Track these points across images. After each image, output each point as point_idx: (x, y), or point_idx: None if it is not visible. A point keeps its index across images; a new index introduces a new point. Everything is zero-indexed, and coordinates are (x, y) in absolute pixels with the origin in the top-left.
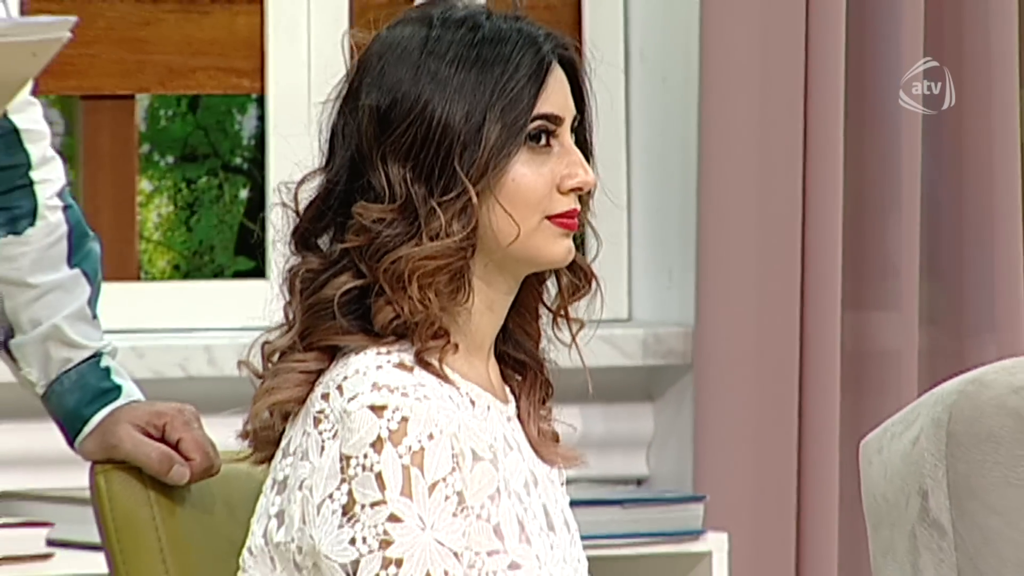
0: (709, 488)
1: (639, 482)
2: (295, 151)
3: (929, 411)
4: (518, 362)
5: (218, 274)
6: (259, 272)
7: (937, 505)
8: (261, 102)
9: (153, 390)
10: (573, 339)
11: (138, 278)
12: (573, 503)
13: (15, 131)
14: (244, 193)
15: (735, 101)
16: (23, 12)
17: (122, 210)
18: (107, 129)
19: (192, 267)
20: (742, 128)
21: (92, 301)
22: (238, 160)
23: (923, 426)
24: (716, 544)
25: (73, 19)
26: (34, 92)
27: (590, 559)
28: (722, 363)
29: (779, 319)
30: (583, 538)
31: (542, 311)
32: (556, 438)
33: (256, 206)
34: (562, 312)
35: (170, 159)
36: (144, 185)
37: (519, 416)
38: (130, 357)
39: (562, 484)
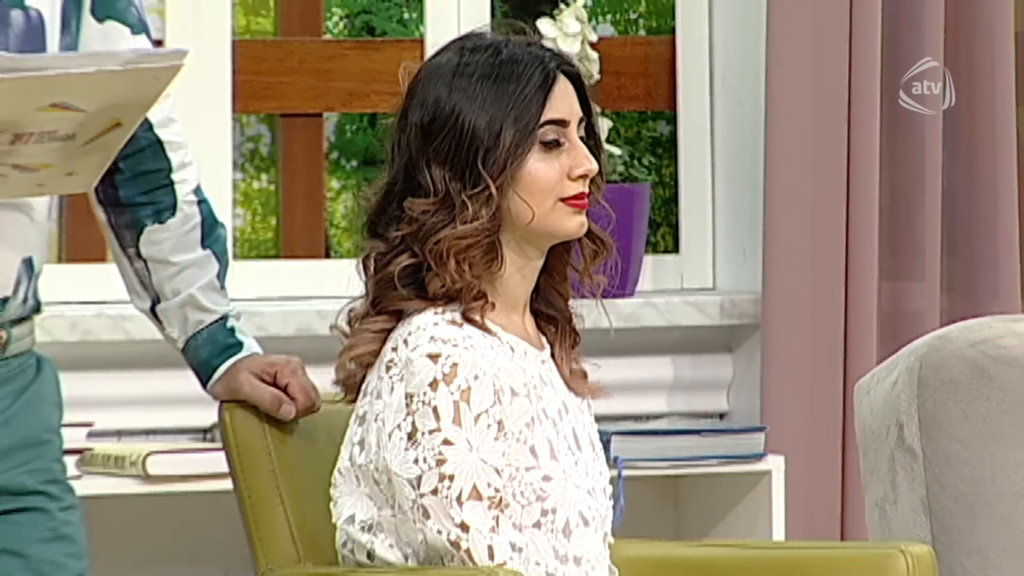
0: (772, 421)
1: (721, 416)
2: None
3: (905, 361)
4: (550, 316)
5: None
6: None
7: (910, 435)
8: None
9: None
10: (597, 296)
11: (327, 256)
12: (665, 432)
13: (159, 142)
14: None
15: (793, 117)
16: (234, 56)
17: (313, 203)
18: (301, 140)
19: None
20: (799, 138)
21: (221, 275)
22: None
23: (900, 373)
24: (775, 465)
25: (186, 50)
26: (233, 111)
27: (676, 477)
28: (784, 323)
29: (829, 288)
30: (674, 460)
31: (572, 274)
32: (585, 376)
33: None
34: (587, 273)
35: (354, 163)
36: (333, 184)
37: (553, 358)
38: (315, 319)
39: (591, 412)
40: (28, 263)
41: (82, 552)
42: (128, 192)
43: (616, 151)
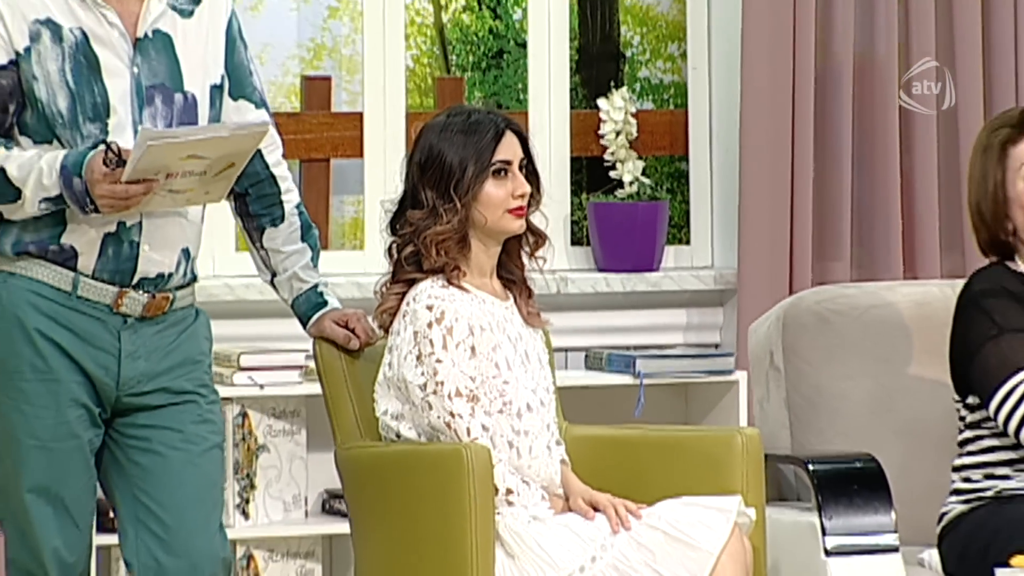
0: (742, 350)
1: (716, 346)
2: None
3: (776, 312)
4: (511, 279)
5: None
6: None
7: (777, 359)
8: None
9: None
10: (540, 269)
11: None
12: (674, 356)
13: (272, 176)
14: None
15: (756, 164)
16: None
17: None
18: None
19: None
20: (762, 175)
21: (314, 260)
22: None
23: (772, 320)
24: (741, 377)
25: (268, 122)
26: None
27: (682, 385)
28: (751, 288)
29: (780, 266)
30: (680, 373)
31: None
32: (537, 315)
33: None
34: (532, 255)
35: None
36: None
37: (516, 305)
38: (355, 288)
39: (543, 340)
40: (185, 251)
41: (220, 430)
42: (254, 208)
43: (647, 180)
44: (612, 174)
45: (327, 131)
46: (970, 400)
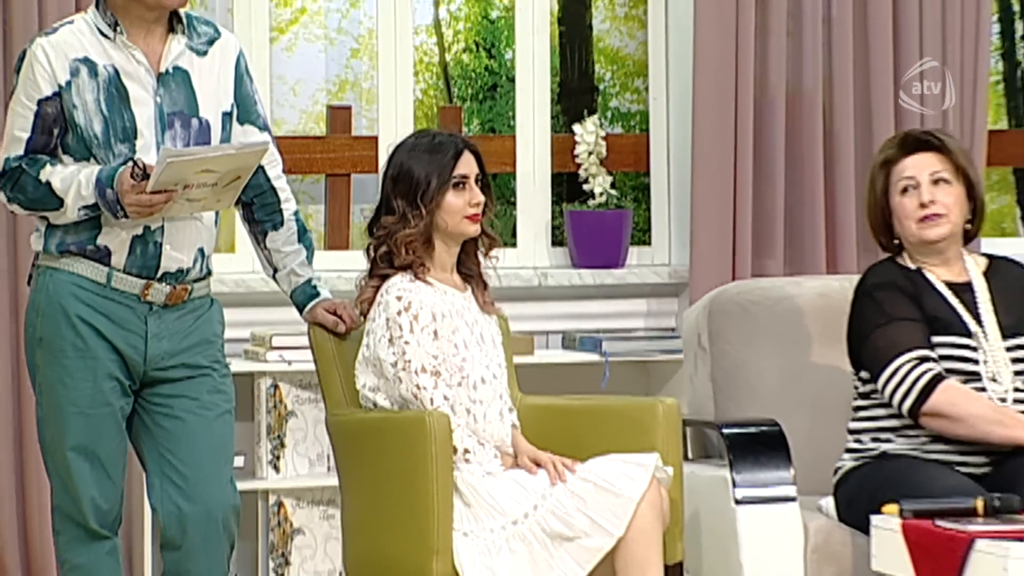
0: None
1: (672, 330)
2: None
3: (703, 301)
4: (470, 274)
5: None
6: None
7: (704, 341)
8: None
9: None
10: (493, 267)
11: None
12: (637, 338)
13: (273, 188)
14: None
15: (707, 179)
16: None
17: None
18: None
19: None
20: (712, 187)
21: (308, 258)
22: None
23: (700, 307)
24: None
25: (267, 142)
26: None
27: (643, 363)
28: (700, 283)
29: (724, 264)
30: (642, 352)
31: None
32: (492, 303)
33: None
34: (487, 254)
35: None
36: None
37: (473, 295)
38: (341, 281)
39: (497, 325)
40: (201, 250)
41: (231, 399)
42: (258, 215)
43: (614, 192)
44: (585, 187)
45: (348, 151)
46: (862, 375)
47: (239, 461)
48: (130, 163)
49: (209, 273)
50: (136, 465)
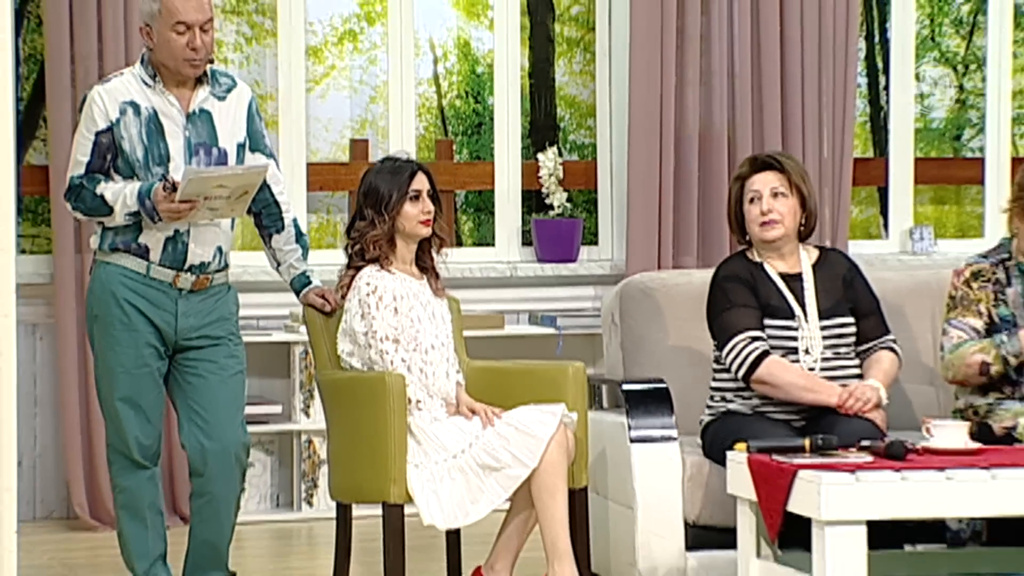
0: None
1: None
2: None
3: (617, 288)
4: (425, 266)
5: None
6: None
7: (616, 318)
8: None
9: None
10: (443, 261)
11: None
12: (586, 315)
13: (276, 201)
14: None
15: (640, 193)
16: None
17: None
18: None
19: None
20: (643, 197)
21: (304, 255)
22: None
23: (615, 292)
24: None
25: (267, 164)
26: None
27: (590, 335)
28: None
29: (651, 260)
30: (588, 326)
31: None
32: (443, 290)
33: None
34: (439, 251)
35: None
36: None
37: (428, 282)
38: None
39: (448, 307)
40: (219, 248)
41: (242, 362)
42: (265, 222)
43: (569, 205)
44: (547, 201)
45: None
46: (715, 347)
47: (277, 409)
48: (162, 180)
49: (226, 266)
50: (172, 411)
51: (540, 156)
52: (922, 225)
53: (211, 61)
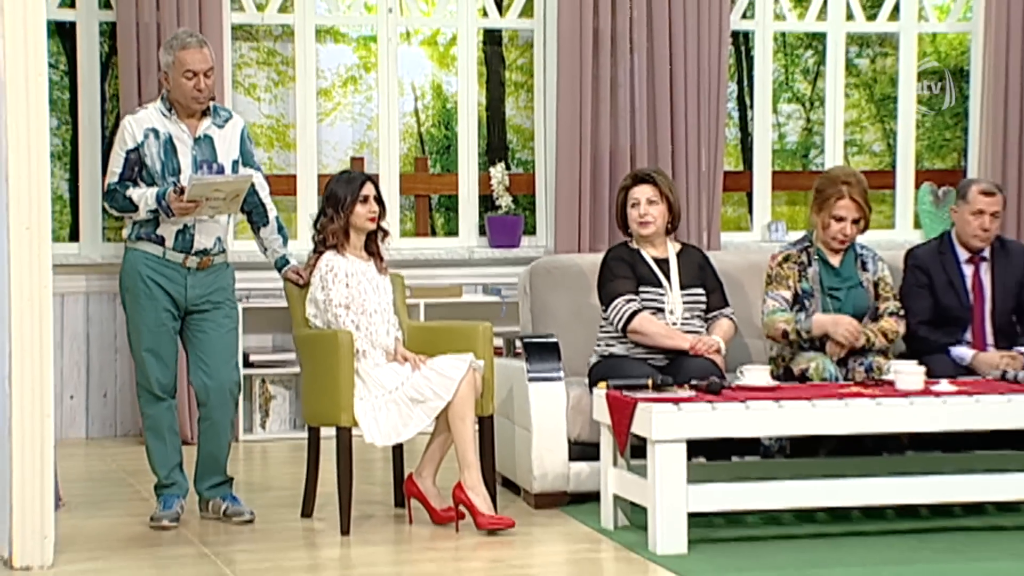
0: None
1: None
2: None
3: (528, 267)
4: (372, 252)
5: None
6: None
7: (527, 291)
8: None
9: None
10: (387, 248)
11: None
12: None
13: (262, 203)
14: None
15: (565, 194)
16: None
17: None
18: None
19: None
20: (568, 197)
21: (284, 243)
22: None
23: (526, 270)
24: None
25: (252, 173)
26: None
27: (514, 302)
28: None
29: (574, 246)
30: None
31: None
32: (386, 269)
33: None
34: (383, 241)
35: None
36: None
37: (374, 263)
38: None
39: (391, 282)
40: (218, 238)
41: (236, 322)
42: (254, 219)
43: (513, 206)
44: (497, 203)
45: None
46: (602, 308)
47: (292, 356)
48: (174, 186)
49: (224, 250)
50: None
51: (492, 170)
52: (777, 220)
53: (212, 98)
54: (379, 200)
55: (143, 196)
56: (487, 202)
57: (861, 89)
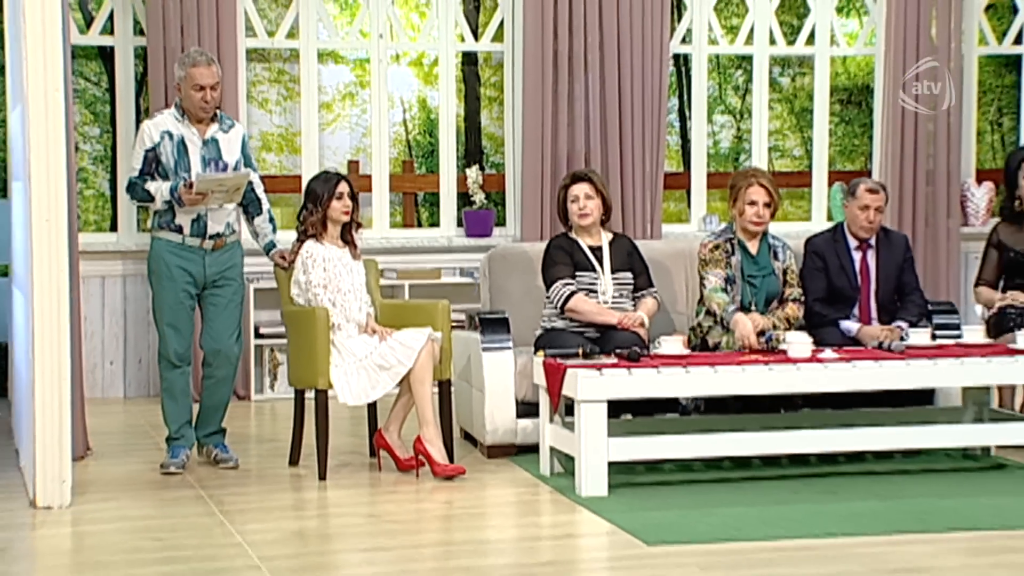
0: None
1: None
2: None
3: (488, 253)
4: (347, 240)
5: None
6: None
7: (486, 272)
8: None
9: None
10: (360, 237)
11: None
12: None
13: (258, 198)
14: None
15: (529, 193)
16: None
17: None
18: None
19: None
20: (532, 193)
21: (273, 230)
22: None
23: (486, 255)
24: None
25: (249, 171)
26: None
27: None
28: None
29: (537, 235)
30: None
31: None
32: (359, 255)
33: None
34: (356, 231)
35: None
36: None
37: (349, 250)
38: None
39: (363, 267)
40: (228, 223)
41: (241, 295)
42: (249, 209)
43: (486, 202)
44: (472, 199)
45: (356, 182)
46: (545, 289)
47: None
48: (184, 180)
49: (234, 232)
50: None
51: (468, 171)
52: (712, 214)
53: (218, 107)
54: (352, 196)
55: (159, 189)
56: (464, 198)
57: (783, 103)
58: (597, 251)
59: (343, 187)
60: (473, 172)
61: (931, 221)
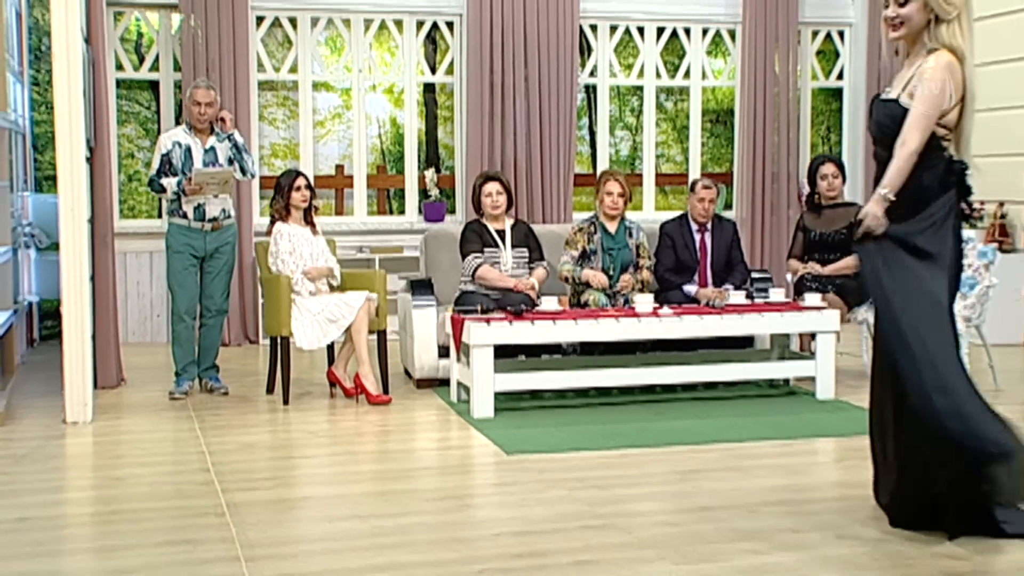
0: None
1: None
2: None
3: (425, 232)
4: (308, 221)
5: None
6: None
7: (424, 247)
8: None
9: None
10: (317, 219)
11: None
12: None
13: (244, 169)
14: None
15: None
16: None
17: None
18: None
19: None
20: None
21: (242, 171)
22: None
23: (423, 236)
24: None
25: (233, 168)
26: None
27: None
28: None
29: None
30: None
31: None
32: (319, 233)
33: None
34: (315, 214)
35: None
36: None
37: (309, 229)
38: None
39: (324, 242)
40: (224, 209)
41: (232, 265)
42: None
43: (440, 196)
44: (429, 193)
45: (342, 183)
46: (462, 261)
47: None
48: (187, 176)
49: (230, 216)
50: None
51: (427, 172)
52: None
53: (212, 121)
54: (309, 187)
55: (170, 183)
56: (424, 193)
57: (667, 122)
58: (501, 233)
59: (300, 181)
60: (431, 173)
61: (775, 211)
